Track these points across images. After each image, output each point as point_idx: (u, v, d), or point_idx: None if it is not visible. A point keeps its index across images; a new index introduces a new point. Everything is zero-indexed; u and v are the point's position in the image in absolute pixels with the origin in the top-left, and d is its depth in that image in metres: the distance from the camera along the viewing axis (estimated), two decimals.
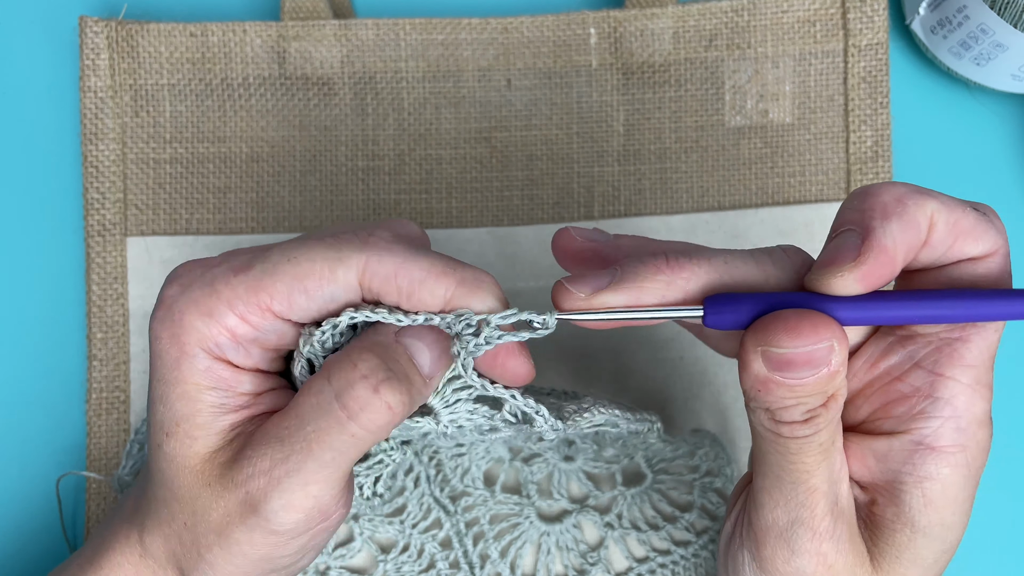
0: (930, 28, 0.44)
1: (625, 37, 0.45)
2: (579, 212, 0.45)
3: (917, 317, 0.27)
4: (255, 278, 0.28)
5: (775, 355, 0.26)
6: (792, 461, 0.28)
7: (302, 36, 0.45)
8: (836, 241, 0.27)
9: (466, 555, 0.42)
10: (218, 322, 0.28)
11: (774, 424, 0.27)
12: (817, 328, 0.26)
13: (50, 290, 0.45)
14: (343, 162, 0.46)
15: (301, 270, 0.28)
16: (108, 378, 0.44)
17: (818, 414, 0.27)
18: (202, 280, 0.29)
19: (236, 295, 0.28)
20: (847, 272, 0.26)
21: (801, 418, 0.27)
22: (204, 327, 0.28)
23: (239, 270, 0.28)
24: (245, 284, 0.28)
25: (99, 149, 0.45)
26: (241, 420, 0.30)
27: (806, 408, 0.27)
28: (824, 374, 0.26)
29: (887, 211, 0.26)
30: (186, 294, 0.29)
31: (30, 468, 0.44)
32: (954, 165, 0.47)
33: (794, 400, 0.26)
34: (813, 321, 0.26)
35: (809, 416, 0.27)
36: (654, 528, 0.42)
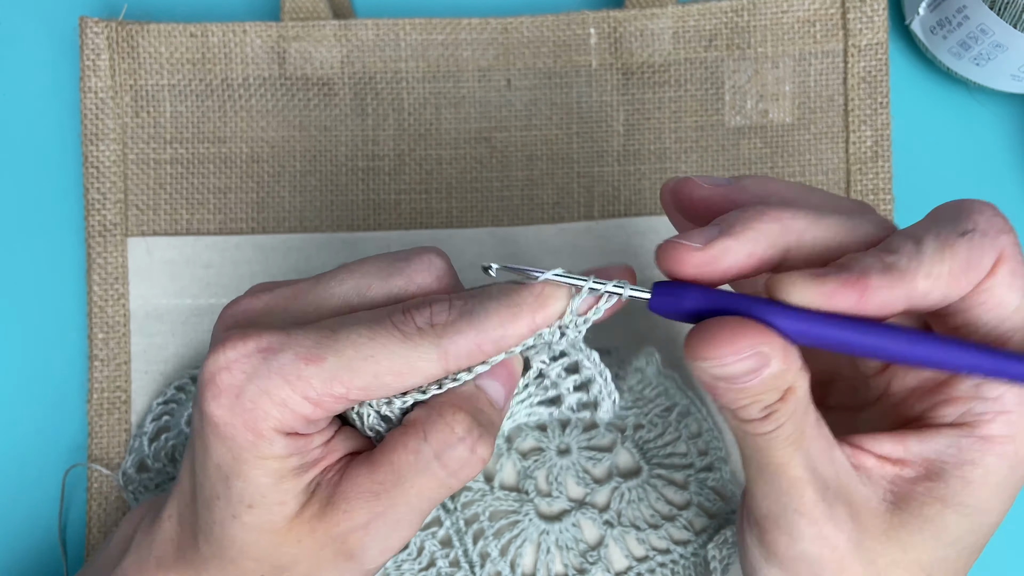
0: (930, 28, 0.44)
1: (625, 37, 0.45)
2: (579, 212, 0.45)
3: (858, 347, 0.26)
4: (331, 372, 0.28)
5: (705, 367, 0.26)
6: (765, 455, 0.28)
7: (302, 36, 0.45)
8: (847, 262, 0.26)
9: (466, 554, 0.42)
10: (292, 410, 0.28)
11: (739, 422, 0.27)
12: (736, 339, 0.25)
13: (51, 290, 0.45)
14: (343, 162, 0.46)
15: (381, 368, 0.28)
16: (109, 378, 0.44)
17: (776, 409, 0.27)
18: (268, 369, 0.28)
19: (310, 387, 0.28)
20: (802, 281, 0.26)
21: (760, 415, 0.27)
22: (279, 415, 0.28)
23: (311, 360, 0.28)
24: (319, 378, 0.28)
25: (100, 149, 0.45)
26: (319, 472, 0.30)
27: (763, 405, 0.26)
28: (766, 376, 0.26)
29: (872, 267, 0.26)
30: (254, 383, 0.28)
31: (31, 468, 0.44)
32: (954, 165, 0.47)
33: (747, 399, 0.26)
34: (732, 331, 0.25)
35: (767, 412, 0.27)
36: (653, 527, 0.42)
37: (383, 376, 0.28)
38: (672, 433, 0.43)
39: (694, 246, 0.26)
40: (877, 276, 0.25)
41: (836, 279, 0.25)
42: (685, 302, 0.27)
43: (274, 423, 0.28)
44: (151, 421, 0.43)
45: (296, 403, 0.28)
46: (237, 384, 0.28)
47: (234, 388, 0.28)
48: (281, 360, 0.28)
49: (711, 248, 0.26)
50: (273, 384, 0.28)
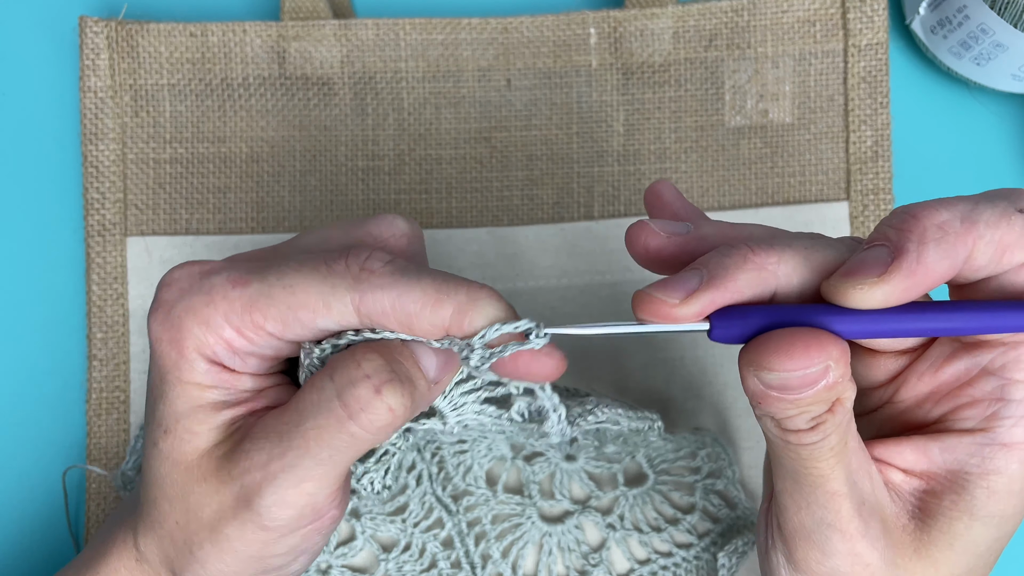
0: (930, 28, 0.44)
1: (625, 37, 0.45)
2: (579, 212, 0.45)
3: (926, 330, 0.26)
4: (251, 297, 0.28)
5: (766, 378, 0.25)
6: (806, 466, 0.27)
7: (302, 36, 0.45)
8: (864, 253, 0.26)
9: (468, 555, 0.42)
10: (215, 332, 0.28)
11: (782, 432, 0.27)
12: (809, 350, 0.25)
13: (50, 290, 0.45)
14: (343, 162, 0.45)
15: (296, 300, 0.28)
16: (108, 378, 0.44)
17: (824, 420, 0.26)
18: (200, 287, 0.28)
19: (232, 309, 0.28)
20: (868, 287, 0.25)
21: (807, 426, 0.26)
22: (202, 335, 0.28)
23: (237, 283, 0.28)
24: (241, 300, 0.28)
25: (99, 149, 0.45)
26: (242, 415, 0.29)
27: (810, 416, 0.26)
28: (822, 388, 0.25)
29: (926, 236, 0.25)
30: (184, 300, 0.28)
31: (31, 468, 0.44)
32: (954, 165, 0.47)
33: (797, 410, 0.26)
34: (806, 342, 0.25)
35: (815, 423, 0.26)
36: (656, 530, 0.42)
37: (297, 309, 0.27)
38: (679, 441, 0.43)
39: (671, 302, 0.26)
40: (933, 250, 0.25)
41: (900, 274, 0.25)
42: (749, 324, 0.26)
43: (196, 343, 0.28)
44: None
45: (217, 324, 0.28)
46: (170, 300, 0.28)
47: (168, 304, 0.28)
48: (213, 280, 0.28)
49: (692, 304, 0.26)
50: (200, 302, 0.28)
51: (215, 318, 0.28)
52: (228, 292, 0.28)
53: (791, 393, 0.25)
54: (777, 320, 0.26)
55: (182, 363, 0.28)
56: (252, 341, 0.28)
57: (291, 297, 0.27)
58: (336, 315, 0.28)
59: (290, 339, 0.28)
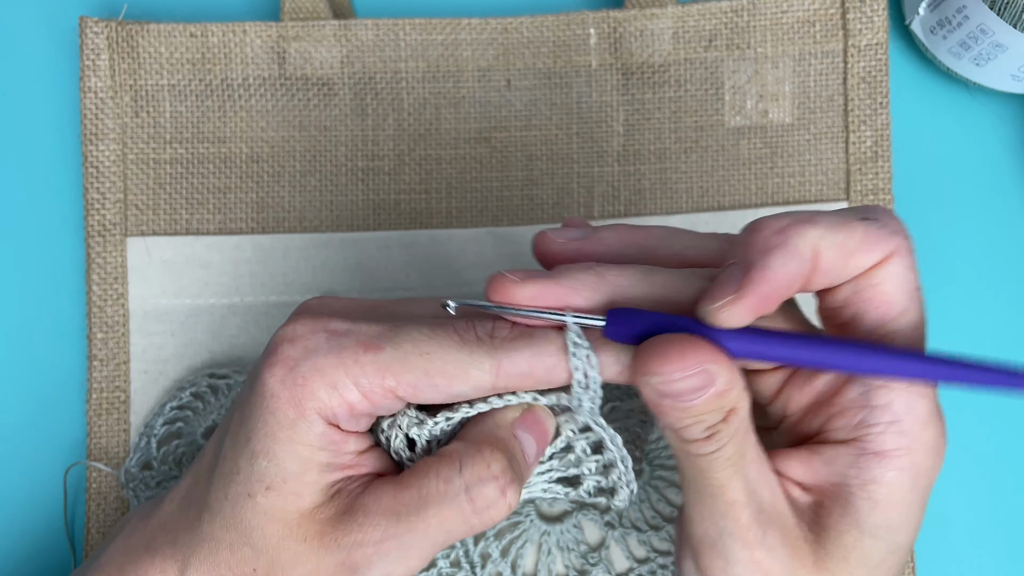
0: (930, 28, 0.44)
1: (625, 37, 0.45)
2: (579, 212, 0.45)
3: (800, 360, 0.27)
4: (385, 363, 0.28)
5: (653, 383, 0.26)
6: (705, 476, 0.28)
7: (302, 36, 0.45)
8: (721, 275, 0.27)
9: (467, 554, 0.42)
10: (341, 395, 0.28)
11: (680, 442, 0.28)
12: (685, 355, 0.26)
13: (50, 290, 0.45)
14: (343, 162, 0.46)
15: (433, 367, 0.28)
16: (108, 378, 0.44)
17: (719, 430, 0.27)
18: (328, 348, 0.28)
19: (363, 373, 0.28)
20: (728, 305, 0.26)
21: (702, 435, 0.27)
22: (327, 397, 0.28)
23: (369, 348, 0.28)
24: (374, 366, 0.28)
25: (99, 149, 0.45)
26: (344, 478, 0.30)
27: (705, 425, 0.27)
28: (711, 394, 0.26)
29: (768, 245, 0.26)
30: (311, 359, 0.28)
31: (31, 468, 0.44)
32: (954, 165, 0.47)
33: (692, 419, 0.27)
34: (682, 347, 0.26)
35: (710, 433, 0.27)
36: (655, 528, 0.42)
37: (434, 375, 0.28)
38: None
39: (513, 279, 0.28)
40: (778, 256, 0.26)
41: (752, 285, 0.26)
42: (636, 325, 0.27)
43: (319, 405, 0.28)
44: (162, 424, 0.43)
45: (346, 388, 0.28)
46: (295, 357, 0.28)
47: (291, 360, 0.28)
48: (342, 343, 0.28)
49: (528, 285, 0.27)
50: (329, 363, 0.28)
51: (344, 381, 0.28)
52: (360, 356, 0.28)
53: (681, 400, 0.26)
54: (666, 326, 0.27)
55: (299, 423, 0.28)
56: (376, 404, 0.29)
57: (428, 364, 0.28)
58: (474, 380, 0.28)
59: (419, 403, 0.29)
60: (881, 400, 0.28)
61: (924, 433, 0.28)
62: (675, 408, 0.26)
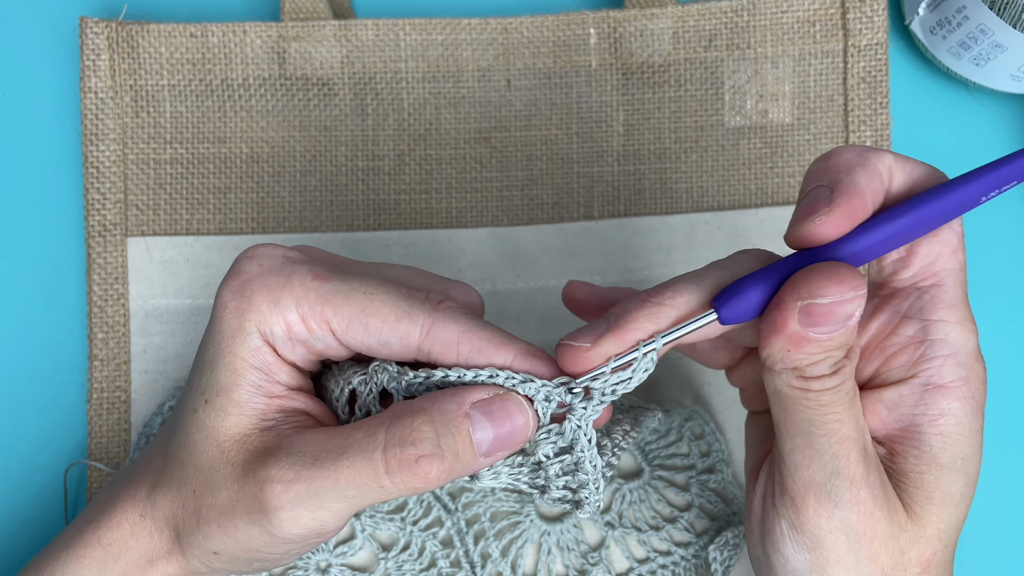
0: (929, 28, 0.44)
1: (625, 37, 0.45)
2: (579, 212, 0.45)
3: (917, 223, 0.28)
4: (328, 292, 0.30)
5: (816, 307, 0.27)
6: (824, 414, 0.28)
7: (302, 37, 0.45)
8: (808, 196, 0.28)
9: (467, 554, 0.42)
10: (281, 313, 0.30)
11: (803, 381, 0.28)
12: (854, 275, 0.27)
13: (51, 290, 0.45)
14: (343, 162, 0.46)
15: (372, 307, 0.30)
16: (109, 378, 0.44)
17: (843, 365, 0.28)
18: (281, 270, 0.30)
19: (306, 297, 0.30)
20: (823, 216, 0.27)
21: (829, 371, 0.28)
22: (267, 312, 0.30)
23: (317, 276, 0.30)
24: (317, 292, 0.30)
25: (100, 150, 0.45)
26: (273, 409, 0.31)
27: (833, 361, 0.28)
28: (850, 325, 0.27)
29: (851, 164, 0.28)
30: (263, 277, 0.30)
31: (32, 468, 0.44)
32: (953, 165, 0.46)
33: (822, 355, 0.27)
34: (849, 270, 0.27)
35: (836, 368, 0.28)
36: (654, 528, 0.42)
37: (370, 315, 0.30)
38: (674, 435, 0.43)
39: (583, 347, 0.29)
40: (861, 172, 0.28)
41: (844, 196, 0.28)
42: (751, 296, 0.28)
43: (259, 318, 0.30)
44: (162, 424, 0.43)
45: (287, 307, 0.30)
46: (249, 272, 0.30)
47: (245, 274, 0.30)
48: (296, 268, 0.30)
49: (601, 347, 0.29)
50: (277, 282, 0.30)
51: (286, 300, 0.30)
52: (307, 281, 0.30)
53: (827, 327, 0.27)
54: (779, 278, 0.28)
55: (239, 335, 0.30)
56: (311, 331, 0.30)
57: (368, 303, 0.30)
58: (403, 332, 0.30)
59: (347, 341, 0.30)
60: (939, 334, 0.29)
61: (976, 364, 0.30)
62: (814, 341, 0.27)
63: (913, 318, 0.30)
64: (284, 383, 0.31)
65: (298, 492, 0.29)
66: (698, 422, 0.43)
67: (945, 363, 0.29)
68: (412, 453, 0.28)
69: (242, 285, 0.30)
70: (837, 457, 0.29)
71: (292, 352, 0.31)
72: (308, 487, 0.29)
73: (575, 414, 0.29)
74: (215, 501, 0.30)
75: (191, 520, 0.31)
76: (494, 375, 0.29)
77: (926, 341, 0.30)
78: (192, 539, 0.31)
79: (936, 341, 0.29)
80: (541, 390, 0.29)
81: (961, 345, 0.29)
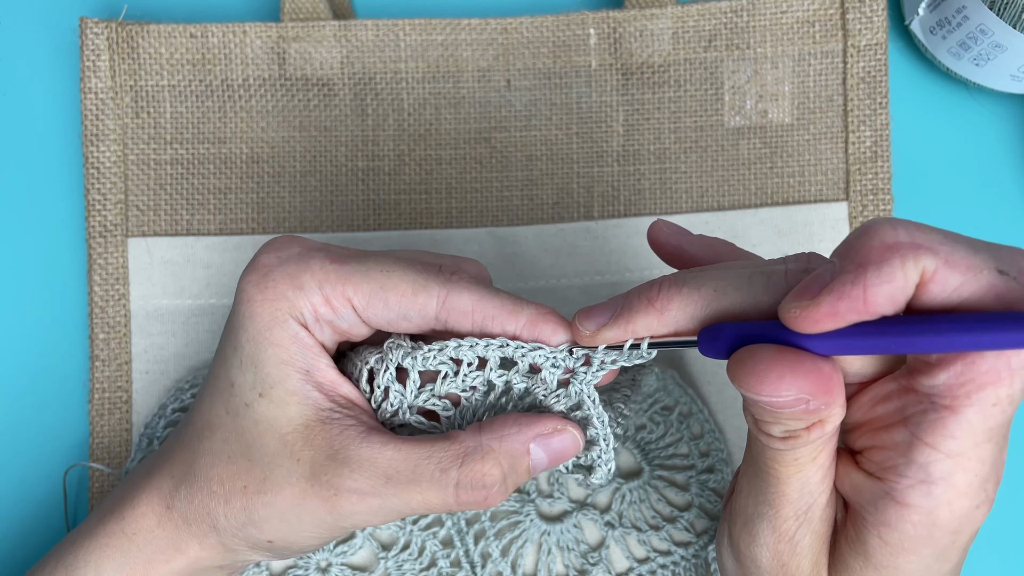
0: (929, 28, 0.44)
1: (624, 37, 0.45)
2: (579, 212, 0.46)
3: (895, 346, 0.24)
4: (347, 272, 0.31)
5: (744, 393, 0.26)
6: (767, 464, 0.28)
7: (302, 37, 0.45)
8: (816, 271, 0.25)
9: (467, 554, 0.42)
10: (306, 296, 0.31)
11: (756, 430, 0.28)
12: (782, 380, 0.25)
13: (52, 291, 0.45)
14: (343, 163, 0.46)
15: (390, 282, 0.31)
16: (110, 378, 0.44)
17: (798, 436, 0.27)
18: (299, 257, 0.31)
19: (327, 279, 0.31)
20: (801, 310, 0.25)
21: (779, 435, 0.27)
22: (294, 297, 0.31)
23: (335, 260, 0.31)
24: (337, 273, 0.31)
25: (100, 150, 0.45)
26: (327, 399, 0.32)
27: (785, 428, 0.27)
28: (801, 411, 0.26)
29: (867, 258, 0.24)
30: (282, 266, 0.31)
31: (33, 468, 0.44)
32: (953, 165, 0.47)
33: (773, 419, 0.27)
34: (780, 371, 0.25)
35: (787, 435, 0.27)
36: (654, 528, 0.42)
37: (389, 290, 0.31)
38: (674, 434, 0.43)
39: (585, 332, 0.30)
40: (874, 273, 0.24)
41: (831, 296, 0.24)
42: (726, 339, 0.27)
43: (288, 304, 0.31)
44: (164, 425, 0.43)
45: (311, 290, 0.31)
46: (269, 264, 0.31)
47: (265, 267, 0.31)
48: (313, 254, 0.31)
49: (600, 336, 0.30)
50: (297, 268, 0.31)
51: (309, 283, 0.31)
52: (326, 264, 0.31)
53: (770, 407, 0.26)
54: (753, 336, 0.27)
55: (275, 326, 0.31)
56: (336, 311, 0.31)
57: (385, 279, 0.31)
58: (421, 304, 0.31)
59: (369, 318, 0.31)
60: (921, 458, 0.26)
61: (956, 502, 0.26)
62: (760, 407, 0.26)
63: (908, 427, 0.26)
64: (328, 365, 0.32)
65: (371, 506, 0.31)
66: (696, 419, 0.43)
67: (915, 487, 0.26)
68: (482, 493, 0.30)
69: (263, 277, 0.31)
70: (768, 505, 0.29)
71: (322, 333, 0.31)
72: (382, 504, 0.31)
73: (577, 377, 0.32)
74: (276, 498, 0.31)
75: (238, 515, 0.32)
76: (504, 344, 0.31)
77: (905, 457, 0.26)
78: (239, 531, 0.32)
79: (915, 464, 0.26)
80: (549, 357, 0.31)
81: (941, 478, 0.26)
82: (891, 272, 0.24)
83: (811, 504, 0.29)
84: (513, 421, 0.32)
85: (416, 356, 0.32)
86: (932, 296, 0.24)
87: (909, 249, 0.24)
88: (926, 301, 0.24)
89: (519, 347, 0.31)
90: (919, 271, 0.24)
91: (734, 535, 0.31)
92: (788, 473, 0.28)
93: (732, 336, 0.27)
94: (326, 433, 0.31)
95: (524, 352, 0.31)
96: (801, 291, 0.25)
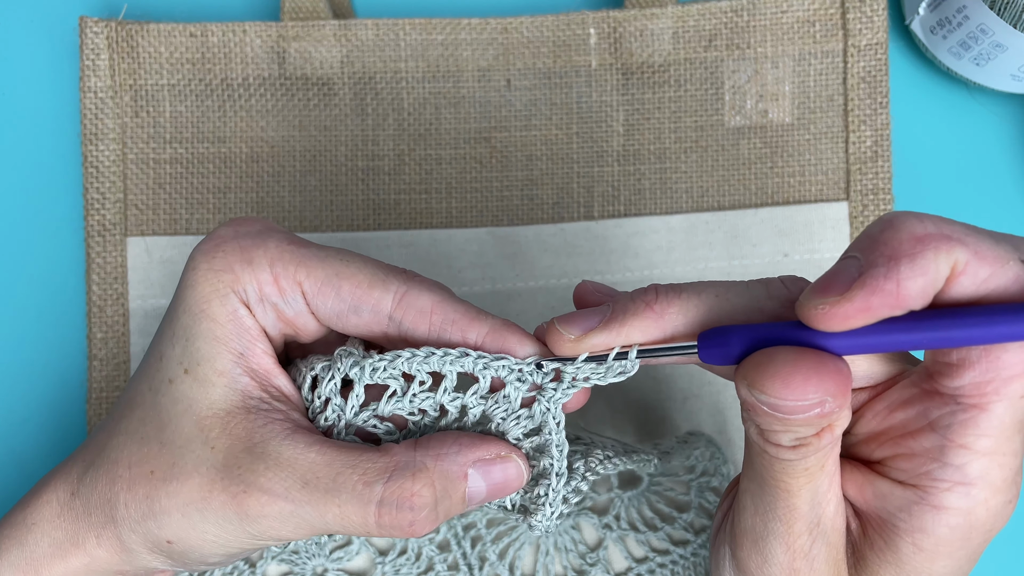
0: (930, 28, 0.44)
1: (625, 37, 0.45)
2: (579, 212, 0.45)
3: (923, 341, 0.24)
4: (302, 255, 0.29)
5: (759, 398, 0.25)
6: (776, 477, 0.27)
7: (302, 36, 0.45)
8: (836, 266, 0.24)
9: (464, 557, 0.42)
10: (254, 272, 0.29)
11: (762, 441, 0.27)
12: (808, 383, 0.24)
13: (50, 290, 0.45)
14: (343, 162, 0.46)
15: (347, 271, 0.29)
16: (108, 378, 0.44)
17: (808, 443, 0.26)
18: (257, 234, 0.30)
19: (280, 258, 0.29)
20: (829, 306, 0.23)
21: (789, 444, 0.26)
22: (240, 271, 0.29)
23: (294, 241, 0.30)
24: (292, 254, 0.29)
25: (99, 149, 0.45)
26: (257, 387, 0.29)
27: (796, 436, 0.26)
28: (814, 415, 0.25)
29: (899, 250, 0.23)
30: (238, 239, 0.29)
31: (31, 468, 0.44)
32: (953, 165, 0.47)
33: (783, 428, 0.25)
34: (806, 374, 0.24)
35: (798, 444, 0.26)
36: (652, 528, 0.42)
37: (345, 279, 0.29)
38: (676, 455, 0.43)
39: (568, 337, 0.28)
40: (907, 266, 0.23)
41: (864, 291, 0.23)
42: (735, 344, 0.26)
43: (232, 278, 0.29)
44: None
45: (260, 267, 0.29)
46: (224, 236, 0.30)
47: (219, 239, 0.30)
48: (272, 234, 0.30)
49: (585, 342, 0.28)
50: (252, 243, 0.29)
51: (260, 259, 0.29)
52: (282, 244, 0.29)
53: (782, 414, 0.25)
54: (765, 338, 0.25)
55: (214, 299, 0.29)
56: (283, 292, 0.29)
57: (343, 267, 0.29)
58: (376, 299, 0.29)
59: (317, 307, 0.29)
60: (956, 460, 0.25)
61: (993, 499, 0.26)
62: (770, 416, 0.25)
63: (937, 432, 0.26)
64: (265, 352, 0.30)
65: (281, 510, 0.28)
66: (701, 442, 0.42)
67: (952, 489, 0.26)
68: (408, 517, 0.27)
69: (215, 247, 0.29)
70: (779, 521, 0.27)
71: (264, 317, 0.29)
72: (294, 509, 0.28)
73: (544, 395, 0.29)
74: (182, 487, 0.28)
75: (140, 504, 0.29)
76: (464, 354, 0.28)
77: (940, 462, 0.26)
78: (138, 525, 0.29)
79: (951, 467, 0.25)
80: (514, 370, 0.28)
81: (978, 477, 0.25)
82: (925, 265, 0.23)
83: (822, 515, 0.28)
84: (453, 440, 0.29)
85: (364, 366, 0.29)
86: (962, 289, 0.23)
87: (941, 241, 0.23)
88: (955, 295, 0.24)
89: (481, 357, 0.28)
90: (951, 263, 0.23)
91: (741, 557, 0.29)
92: (799, 484, 0.27)
93: (745, 339, 0.26)
94: (248, 423, 0.28)
95: (487, 363, 0.28)
96: (825, 287, 0.24)
